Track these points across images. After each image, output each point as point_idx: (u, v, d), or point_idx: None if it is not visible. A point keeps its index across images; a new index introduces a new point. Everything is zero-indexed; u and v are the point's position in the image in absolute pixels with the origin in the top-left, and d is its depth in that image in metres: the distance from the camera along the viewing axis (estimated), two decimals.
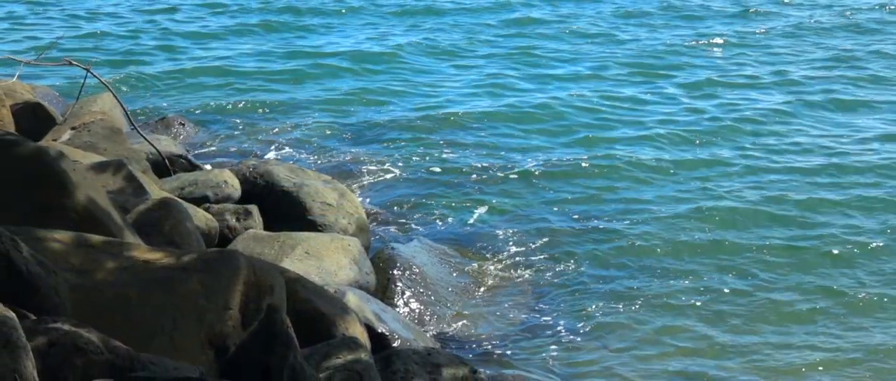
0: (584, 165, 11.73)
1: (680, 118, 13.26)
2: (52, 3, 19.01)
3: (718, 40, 16.79)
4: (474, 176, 11.42)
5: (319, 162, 11.74)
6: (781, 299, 8.87)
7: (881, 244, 9.72)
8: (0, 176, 6.05)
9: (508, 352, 8.10)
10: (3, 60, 13.45)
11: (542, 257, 9.65)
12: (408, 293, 8.80)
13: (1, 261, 4.32)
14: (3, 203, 5.96)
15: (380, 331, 7.24)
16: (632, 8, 18.81)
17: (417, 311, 8.57)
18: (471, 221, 10.40)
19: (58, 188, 6.11)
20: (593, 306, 8.81)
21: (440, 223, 10.34)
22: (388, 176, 11.46)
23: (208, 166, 10.95)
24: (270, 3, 18.86)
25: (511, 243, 9.88)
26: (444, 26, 17.20)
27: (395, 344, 7.13)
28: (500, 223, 10.30)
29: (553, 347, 8.19)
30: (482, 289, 9.07)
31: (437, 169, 11.62)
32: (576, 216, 10.51)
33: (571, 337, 8.35)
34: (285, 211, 9.56)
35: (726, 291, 9.02)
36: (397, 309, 8.46)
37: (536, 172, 11.48)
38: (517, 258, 9.61)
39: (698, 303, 8.82)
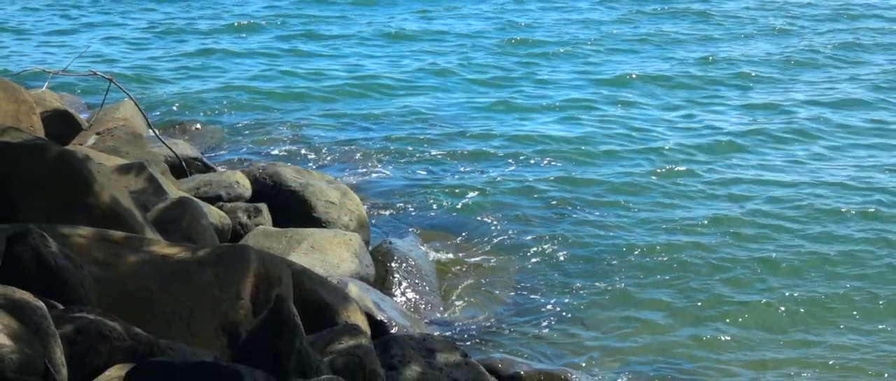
0: (567, 165, 11.73)
1: (665, 127, 13.13)
2: (84, 21, 18.96)
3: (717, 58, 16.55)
4: (466, 175, 11.43)
5: (323, 163, 11.74)
6: (756, 290, 8.86)
7: (857, 249, 9.62)
8: (31, 177, 6.04)
9: (498, 337, 8.10)
10: (34, 72, 13.44)
11: (528, 248, 9.65)
12: (404, 284, 8.80)
13: (31, 256, 4.32)
14: (34, 202, 5.96)
15: (379, 319, 7.24)
16: (616, 25, 18.77)
17: (413, 300, 8.56)
18: (462, 216, 10.40)
19: (84, 189, 6.11)
20: (576, 293, 8.82)
21: (434, 219, 10.34)
22: (386, 176, 11.47)
23: (222, 168, 10.94)
24: (284, 24, 18.84)
25: (499, 237, 9.88)
26: (442, 45, 17.12)
27: (393, 331, 7.13)
28: (489, 218, 10.30)
29: (539, 331, 8.19)
30: (473, 279, 9.07)
31: (431, 170, 11.62)
32: (561, 211, 10.51)
33: (556, 322, 8.35)
34: (292, 209, 9.56)
35: (703, 281, 9.00)
36: (395, 298, 8.45)
37: (522, 174, 11.48)
38: (505, 250, 9.61)
39: (677, 292, 8.81)
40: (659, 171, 11.58)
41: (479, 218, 10.33)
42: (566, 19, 18.72)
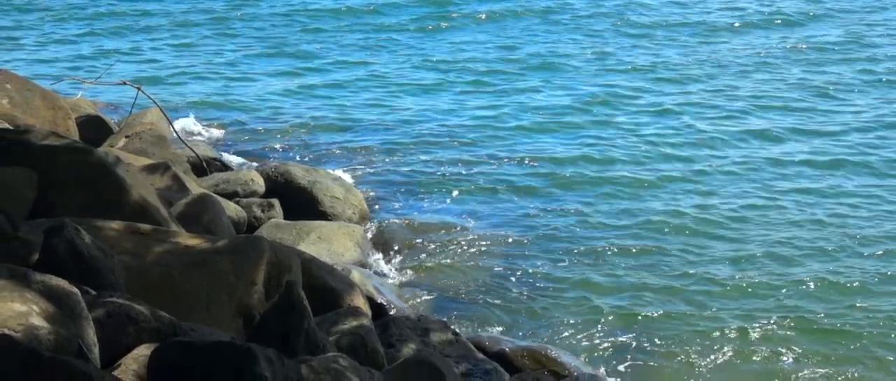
0: (551, 161, 11.66)
1: (644, 131, 12.78)
2: (113, 36, 18.89)
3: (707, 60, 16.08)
4: (458, 174, 11.37)
5: (329, 163, 11.70)
6: (727, 272, 8.85)
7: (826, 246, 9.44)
8: (67, 176, 6.00)
9: (486, 317, 8.10)
10: (70, 81, 13.39)
11: (514, 237, 9.61)
12: (402, 270, 8.80)
13: (67, 246, 4.29)
14: (69, 199, 5.92)
15: (379, 302, 7.22)
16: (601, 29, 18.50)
17: (409, 284, 8.56)
18: (454, 208, 10.37)
19: (115, 187, 6.07)
20: (556, 276, 8.80)
21: (428, 211, 10.31)
22: (386, 174, 11.42)
23: (238, 167, 10.90)
24: (290, 37, 18.74)
25: (488, 227, 9.85)
26: (441, 60, 16.94)
27: (391, 312, 7.12)
28: (477, 210, 10.28)
29: (524, 311, 8.20)
30: (464, 264, 9.04)
31: (426, 169, 11.57)
32: (542, 200, 10.48)
33: (538, 303, 8.34)
34: (301, 204, 9.55)
35: (675, 263, 8.97)
36: (393, 283, 8.44)
37: (510, 173, 11.42)
38: (493, 239, 9.57)
39: (652, 274, 8.79)
40: (639, 171, 11.45)
41: (469, 210, 10.31)
42: (565, 39, 18.44)
